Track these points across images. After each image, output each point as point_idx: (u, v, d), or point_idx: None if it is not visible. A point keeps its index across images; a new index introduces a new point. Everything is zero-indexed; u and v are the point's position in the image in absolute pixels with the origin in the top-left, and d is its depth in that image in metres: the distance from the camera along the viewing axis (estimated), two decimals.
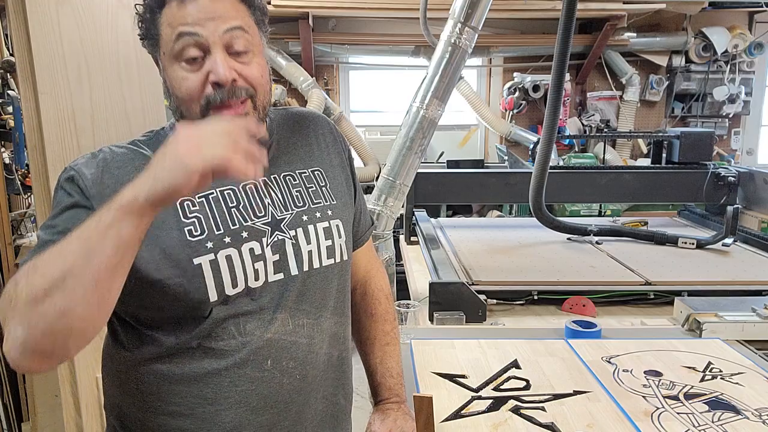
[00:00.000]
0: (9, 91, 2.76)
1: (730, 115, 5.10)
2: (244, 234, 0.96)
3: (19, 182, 2.71)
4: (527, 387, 1.23)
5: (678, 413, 1.13)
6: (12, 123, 2.65)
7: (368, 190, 2.24)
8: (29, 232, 2.86)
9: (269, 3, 4.08)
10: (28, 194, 2.84)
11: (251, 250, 0.96)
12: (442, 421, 1.10)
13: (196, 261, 0.92)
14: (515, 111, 4.98)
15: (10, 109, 2.67)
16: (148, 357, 0.96)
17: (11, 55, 2.73)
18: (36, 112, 1.69)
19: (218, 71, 0.90)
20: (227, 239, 0.95)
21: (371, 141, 4.90)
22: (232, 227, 0.96)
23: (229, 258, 0.94)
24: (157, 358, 0.96)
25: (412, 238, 2.61)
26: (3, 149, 2.71)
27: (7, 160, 2.68)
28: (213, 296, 0.93)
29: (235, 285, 0.94)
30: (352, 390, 1.18)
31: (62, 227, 0.87)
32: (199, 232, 0.94)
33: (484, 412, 1.14)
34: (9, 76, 2.78)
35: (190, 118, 0.95)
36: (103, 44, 1.79)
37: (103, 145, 1.00)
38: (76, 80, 1.74)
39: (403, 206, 2.27)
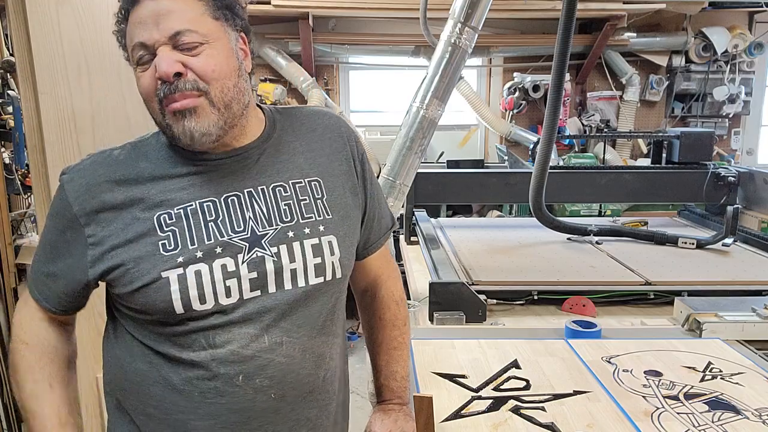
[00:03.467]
0: (9, 91, 2.76)
1: (730, 115, 5.10)
2: (218, 249, 0.94)
3: (19, 182, 2.71)
4: (527, 387, 1.23)
5: (678, 413, 1.13)
6: (12, 123, 2.65)
7: None
8: (29, 232, 2.86)
9: (269, 3, 4.08)
10: (28, 194, 2.84)
11: (223, 266, 0.94)
12: (442, 421, 1.10)
13: (164, 274, 0.92)
14: (515, 111, 4.98)
15: (10, 109, 2.67)
16: (134, 355, 0.99)
17: (11, 55, 2.73)
18: (36, 112, 1.69)
19: (159, 67, 0.90)
20: (199, 254, 0.93)
21: (371, 141, 4.89)
22: (206, 242, 0.94)
23: (198, 273, 0.93)
24: (141, 358, 0.98)
25: (412, 238, 2.61)
26: (3, 149, 2.71)
27: (7, 160, 2.68)
28: (179, 309, 0.93)
29: (203, 301, 0.93)
30: (348, 411, 1.17)
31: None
32: (172, 246, 0.93)
33: (484, 412, 1.14)
34: (9, 76, 2.78)
35: (156, 119, 0.96)
36: (103, 44, 1.79)
37: (96, 153, 1.02)
38: (76, 80, 1.75)
39: (403, 206, 2.26)
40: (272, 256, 0.96)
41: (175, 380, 0.96)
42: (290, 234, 0.98)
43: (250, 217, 0.97)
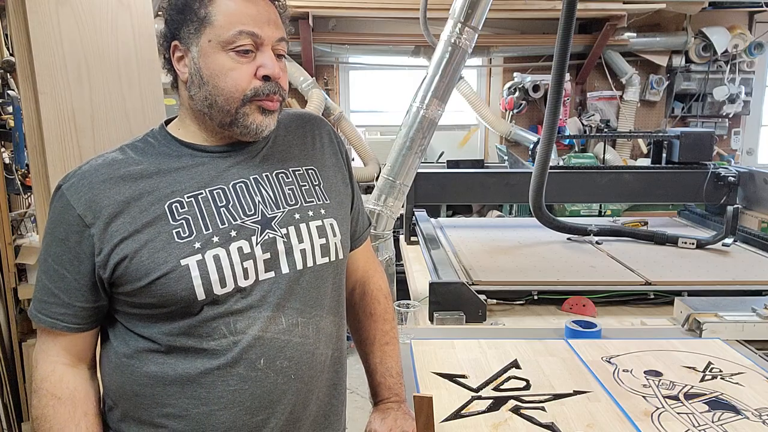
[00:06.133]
0: (9, 91, 2.76)
1: (730, 115, 5.10)
2: (233, 233, 0.96)
3: (19, 182, 2.71)
4: (527, 387, 1.23)
5: (678, 413, 1.13)
6: (12, 123, 2.65)
7: (368, 190, 2.24)
8: (29, 232, 2.86)
9: None
10: (28, 194, 2.84)
11: (240, 248, 0.96)
12: (442, 421, 1.10)
13: (183, 262, 0.93)
14: (515, 111, 4.98)
15: (10, 109, 2.67)
16: (142, 359, 0.98)
17: (11, 55, 2.73)
18: (36, 112, 1.69)
19: (272, 67, 0.97)
20: (215, 239, 0.95)
21: (371, 141, 4.89)
22: (220, 226, 0.96)
23: (216, 258, 0.94)
24: (151, 360, 0.97)
25: (412, 238, 2.61)
26: (3, 149, 2.71)
27: (7, 160, 2.67)
28: (201, 295, 0.93)
29: (223, 284, 0.94)
30: (346, 390, 1.18)
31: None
32: (187, 233, 0.94)
33: (484, 412, 1.14)
34: (9, 76, 2.78)
35: (227, 107, 0.96)
36: (103, 44, 1.79)
37: (91, 158, 1.01)
38: (76, 80, 1.75)
39: (403, 206, 2.27)
40: (282, 237, 1.00)
41: (193, 374, 0.96)
42: (296, 216, 1.03)
43: (259, 201, 1.00)
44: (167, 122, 1.06)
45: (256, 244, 0.97)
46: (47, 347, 1.00)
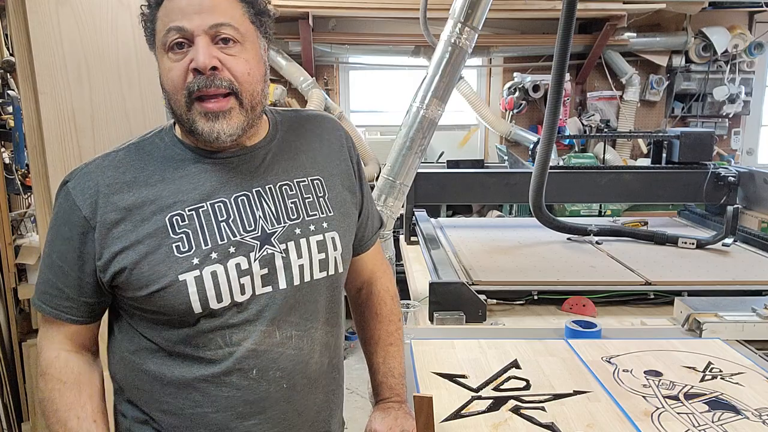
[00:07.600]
0: (9, 91, 2.76)
1: (730, 115, 5.10)
2: (232, 249, 0.96)
3: (19, 182, 2.71)
4: (527, 387, 1.23)
5: (678, 413, 1.13)
6: (12, 123, 2.65)
7: None
8: (29, 232, 2.86)
9: (269, 3, 4.08)
10: (28, 194, 2.84)
11: (237, 265, 0.96)
12: (442, 421, 1.10)
13: (181, 277, 0.93)
14: (515, 111, 4.98)
15: (10, 109, 2.67)
16: (143, 357, 1.00)
17: (11, 55, 2.73)
18: (36, 112, 1.69)
19: (197, 58, 0.90)
20: (214, 255, 0.95)
21: (371, 141, 4.89)
22: (219, 242, 0.96)
23: (214, 274, 0.94)
24: (151, 360, 1.00)
25: (412, 238, 2.61)
26: (3, 149, 2.71)
27: (7, 160, 2.68)
28: (197, 309, 0.94)
29: (220, 300, 0.95)
30: (343, 394, 1.19)
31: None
32: (186, 248, 0.94)
33: (484, 412, 1.14)
34: (9, 76, 2.78)
35: (178, 112, 0.95)
36: (103, 44, 1.79)
37: (98, 156, 1.01)
38: (76, 80, 1.75)
39: (403, 206, 2.26)
40: (281, 253, 0.99)
41: (189, 378, 0.97)
42: (297, 231, 1.02)
43: (260, 216, 0.99)
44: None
45: (254, 260, 0.97)
46: (51, 335, 1.02)
